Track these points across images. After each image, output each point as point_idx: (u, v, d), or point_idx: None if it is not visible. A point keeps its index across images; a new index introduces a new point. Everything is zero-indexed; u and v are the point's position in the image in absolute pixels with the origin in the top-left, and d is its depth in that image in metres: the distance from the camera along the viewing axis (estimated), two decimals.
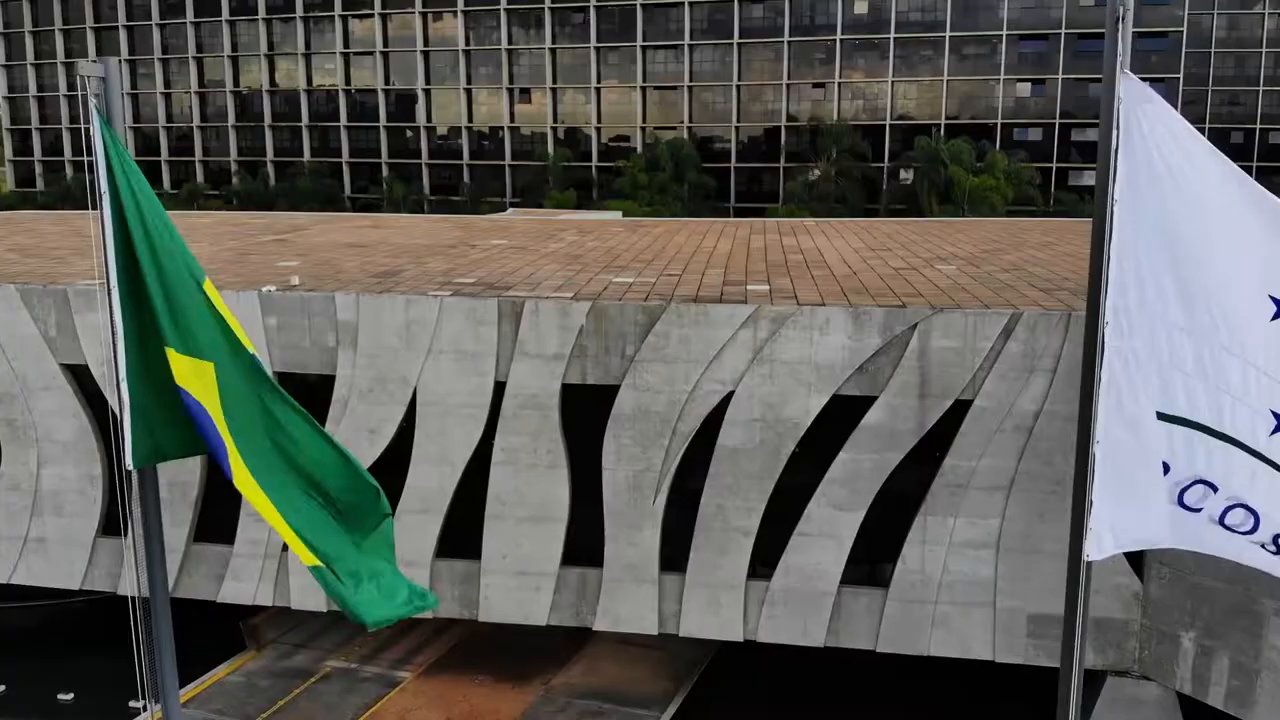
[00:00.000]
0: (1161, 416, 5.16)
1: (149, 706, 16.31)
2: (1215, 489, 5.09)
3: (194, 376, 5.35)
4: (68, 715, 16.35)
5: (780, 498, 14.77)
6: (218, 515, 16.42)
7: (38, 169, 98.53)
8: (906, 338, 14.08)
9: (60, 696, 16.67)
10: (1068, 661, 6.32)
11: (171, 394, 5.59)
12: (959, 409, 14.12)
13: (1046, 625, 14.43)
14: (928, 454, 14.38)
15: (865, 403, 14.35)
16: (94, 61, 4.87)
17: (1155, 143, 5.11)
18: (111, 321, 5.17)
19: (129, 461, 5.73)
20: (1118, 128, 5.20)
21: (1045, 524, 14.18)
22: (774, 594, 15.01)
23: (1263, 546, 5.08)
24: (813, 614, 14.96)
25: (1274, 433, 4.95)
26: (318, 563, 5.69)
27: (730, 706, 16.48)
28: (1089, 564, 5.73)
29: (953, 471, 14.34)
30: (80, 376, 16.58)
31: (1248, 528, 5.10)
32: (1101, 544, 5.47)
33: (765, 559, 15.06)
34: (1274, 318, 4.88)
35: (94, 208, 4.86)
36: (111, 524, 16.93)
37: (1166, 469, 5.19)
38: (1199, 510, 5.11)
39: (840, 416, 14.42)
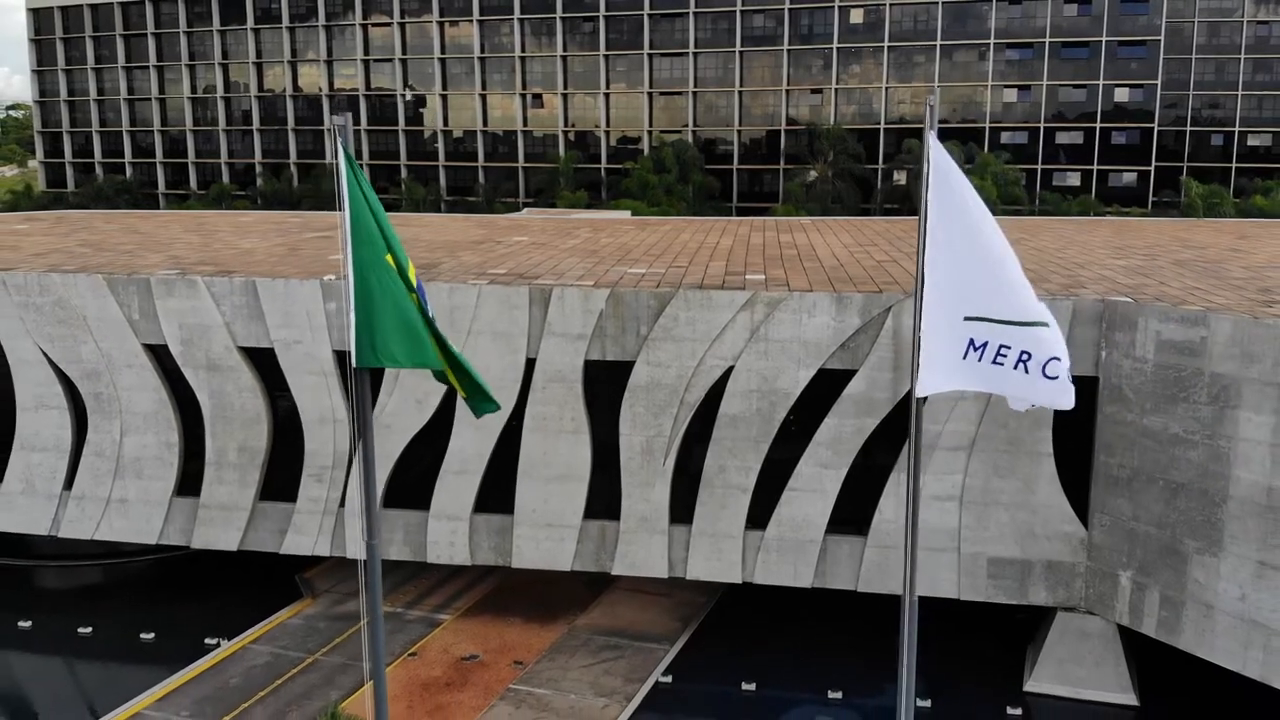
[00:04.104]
0: (967, 318, 8.50)
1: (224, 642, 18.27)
2: (1010, 348, 8.38)
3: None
4: (151, 651, 18.47)
5: (774, 458, 16.84)
6: (282, 476, 18.66)
7: (68, 170, 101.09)
8: (882, 319, 16.13)
9: (142, 635, 18.81)
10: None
11: (377, 318, 8.41)
12: None
13: (1003, 567, 16.57)
14: (901, 420, 16.42)
15: (847, 375, 16.39)
16: (339, 116, 7.26)
17: (950, 171, 8.62)
18: (346, 284, 7.50)
19: (355, 361, 8.11)
20: (929, 162, 8.71)
21: (1001, 479, 16.28)
22: (768, 542, 17.13)
23: (1035, 371, 8.30)
24: (801, 559, 17.09)
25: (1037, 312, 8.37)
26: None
27: (729, 643, 18.58)
28: (923, 399, 9.14)
29: (923, 434, 16.43)
30: (160, 355, 18.64)
31: (1027, 361, 8.35)
32: (924, 387, 8.78)
33: (761, 511, 17.12)
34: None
35: (339, 207, 7.30)
36: (185, 485, 19.09)
37: (972, 344, 8.49)
38: (1000, 363, 8.40)
39: (825, 387, 16.46)
